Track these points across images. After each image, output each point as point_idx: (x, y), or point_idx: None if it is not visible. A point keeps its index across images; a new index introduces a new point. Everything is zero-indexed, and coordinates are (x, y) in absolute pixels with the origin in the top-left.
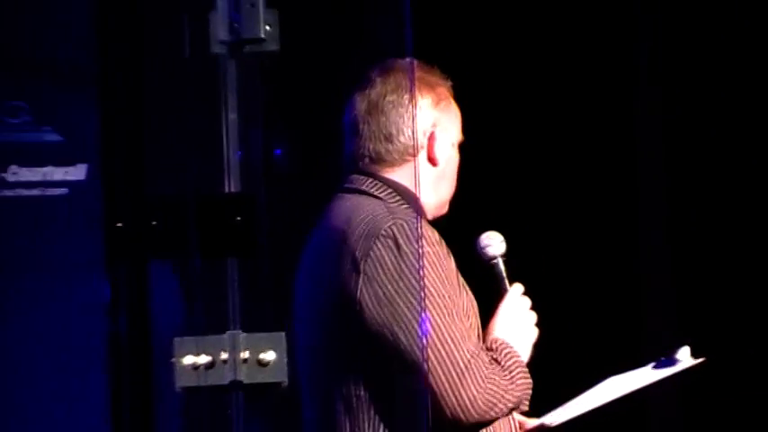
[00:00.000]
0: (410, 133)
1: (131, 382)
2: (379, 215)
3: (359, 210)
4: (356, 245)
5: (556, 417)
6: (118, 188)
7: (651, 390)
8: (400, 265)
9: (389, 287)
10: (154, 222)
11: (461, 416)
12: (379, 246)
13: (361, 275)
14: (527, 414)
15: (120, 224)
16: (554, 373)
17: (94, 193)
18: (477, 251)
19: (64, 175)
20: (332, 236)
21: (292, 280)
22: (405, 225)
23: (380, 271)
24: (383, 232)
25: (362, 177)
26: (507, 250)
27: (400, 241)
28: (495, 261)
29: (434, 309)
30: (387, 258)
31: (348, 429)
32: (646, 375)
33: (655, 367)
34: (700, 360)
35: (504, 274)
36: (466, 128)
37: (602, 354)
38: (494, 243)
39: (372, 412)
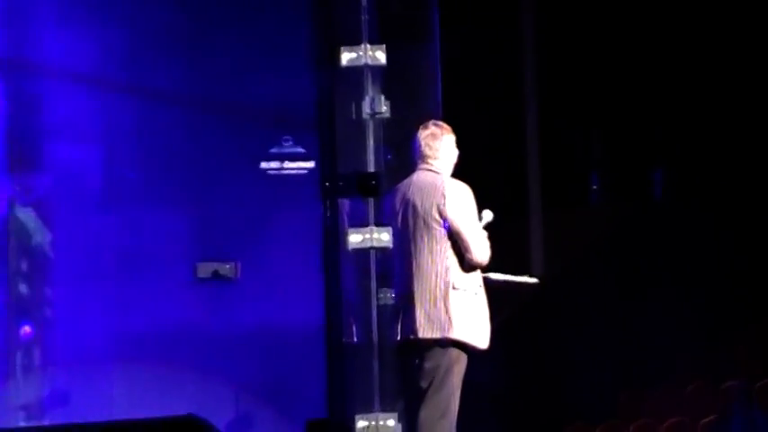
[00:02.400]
0: (446, 150)
1: (330, 249)
2: (449, 179)
3: (437, 177)
4: (443, 188)
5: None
6: (325, 170)
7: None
8: (461, 199)
9: (459, 207)
10: (340, 183)
11: (481, 261)
12: (454, 190)
13: (447, 200)
14: None
15: (327, 183)
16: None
17: (317, 172)
18: None
19: (305, 165)
20: (426, 186)
21: (393, 205)
22: (460, 184)
23: (455, 200)
24: (454, 185)
25: (430, 165)
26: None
27: (461, 189)
28: None
29: (474, 217)
30: (457, 195)
31: (431, 261)
32: (506, 277)
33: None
34: (535, 281)
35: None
36: None
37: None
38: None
39: (444, 257)
